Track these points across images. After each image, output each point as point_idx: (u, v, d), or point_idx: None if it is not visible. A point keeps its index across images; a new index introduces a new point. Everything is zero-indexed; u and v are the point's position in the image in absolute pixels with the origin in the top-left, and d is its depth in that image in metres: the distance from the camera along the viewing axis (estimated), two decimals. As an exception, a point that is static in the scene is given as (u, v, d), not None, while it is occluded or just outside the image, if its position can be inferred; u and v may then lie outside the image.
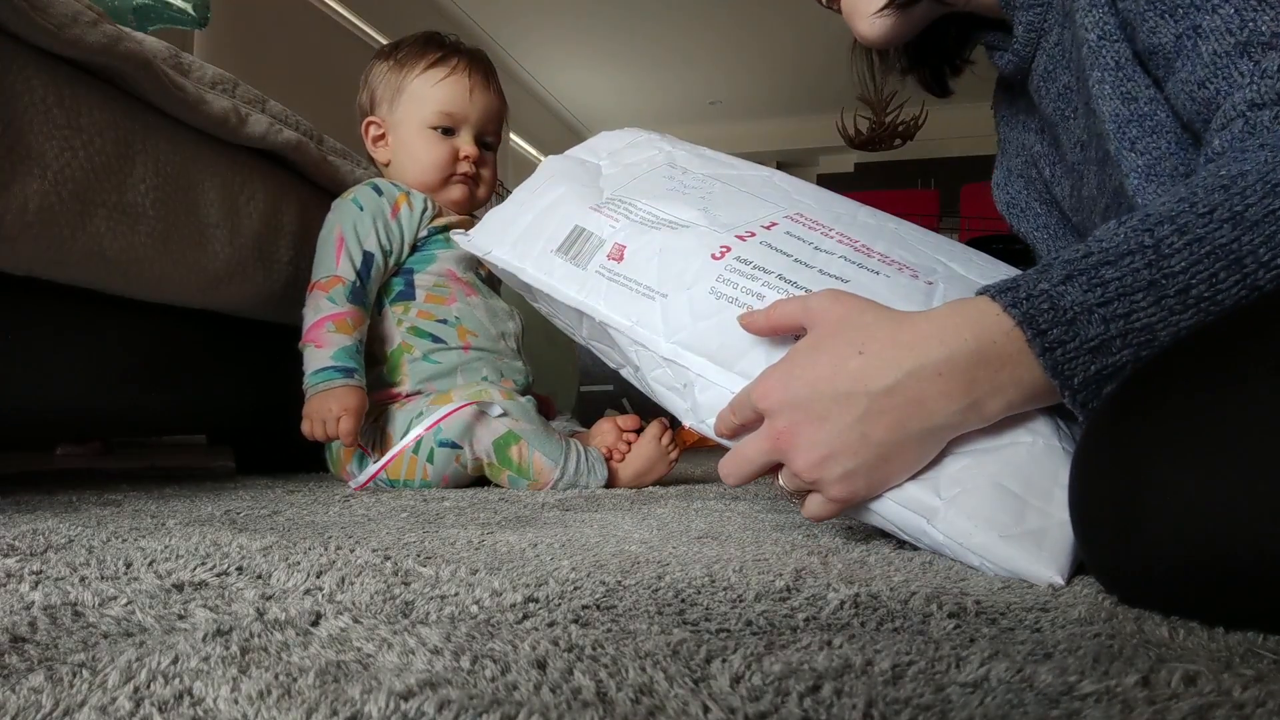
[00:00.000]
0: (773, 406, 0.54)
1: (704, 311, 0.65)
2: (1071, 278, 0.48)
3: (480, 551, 0.56)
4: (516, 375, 1.15)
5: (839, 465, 0.52)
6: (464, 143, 1.18)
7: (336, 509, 0.80)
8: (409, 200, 1.14)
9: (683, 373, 0.66)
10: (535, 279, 0.77)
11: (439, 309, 1.13)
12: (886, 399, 0.51)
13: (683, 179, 0.80)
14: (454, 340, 1.12)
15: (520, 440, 1.02)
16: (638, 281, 0.70)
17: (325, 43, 3.82)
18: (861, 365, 0.51)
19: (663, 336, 0.67)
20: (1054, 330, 0.48)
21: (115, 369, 0.95)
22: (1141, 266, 0.46)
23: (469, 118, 1.18)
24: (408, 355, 1.10)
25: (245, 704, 0.26)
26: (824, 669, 0.30)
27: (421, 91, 1.17)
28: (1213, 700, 0.27)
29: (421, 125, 1.17)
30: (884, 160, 6.24)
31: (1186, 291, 0.46)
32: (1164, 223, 0.47)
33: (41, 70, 0.76)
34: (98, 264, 0.83)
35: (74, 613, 0.37)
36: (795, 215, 0.71)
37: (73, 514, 0.72)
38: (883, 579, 0.48)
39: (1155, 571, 0.39)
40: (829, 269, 0.65)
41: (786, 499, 0.60)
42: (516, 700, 0.27)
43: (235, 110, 0.99)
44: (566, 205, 0.79)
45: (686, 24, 5.18)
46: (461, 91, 1.17)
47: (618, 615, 0.39)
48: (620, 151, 0.89)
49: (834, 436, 0.52)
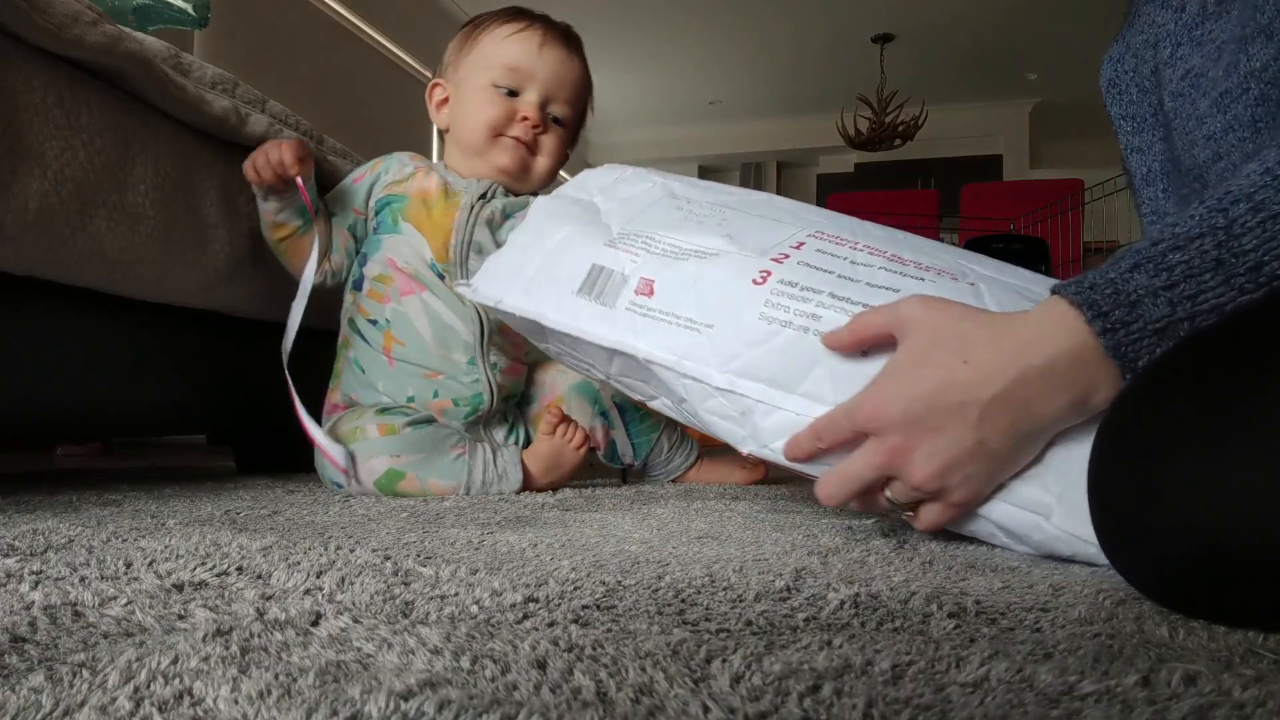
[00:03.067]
0: (884, 425, 0.55)
1: (756, 338, 0.65)
2: (1140, 265, 0.49)
3: (480, 551, 0.56)
4: (461, 393, 1.01)
5: (959, 473, 0.54)
6: (524, 103, 1.06)
7: (336, 509, 0.80)
8: (374, 169, 1.09)
9: (740, 401, 0.66)
10: (559, 323, 0.74)
11: (374, 306, 1.03)
12: (997, 405, 0.52)
13: (691, 208, 0.79)
14: (378, 344, 1.02)
15: (405, 475, 0.94)
16: (676, 314, 0.69)
17: (325, 43, 3.82)
18: (969, 375, 0.52)
19: (715, 368, 0.66)
20: (1116, 312, 0.49)
21: (115, 369, 0.95)
22: (1211, 247, 0.46)
23: (535, 75, 1.06)
24: (344, 353, 1.06)
25: (245, 704, 0.26)
26: (824, 669, 0.30)
27: (489, 48, 1.07)
28: (1213, 700, 0.27)
29: (484, 83, 1.06)
30: (884, 160, 6.25)
31: (1259, 269, 0.45)
32: (1240, 200, 0.46)
33: (41, 70, 0.76)
34: (98, 264, 0.83)
35: (74, 613, 0.37)
36: (816, 233, 0.71)
37: (73, 514, 0.72)
38: (883, 579, 0.48)
39: (1173, 560, 0.39)
40: (875, 280, 0.65)
41: (890, 513, 0.60)
42: (516, 700, 0.27)
43: (235, 110, 0.99)
44: (576, 245, 0.78)
45: (686, 24, 5.18)
46: (530, 48, 1.06)
47: (618, 615, 0.39)
48: (611, 187, 0.87)
49: (951, 446, 0.53)
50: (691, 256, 0.71)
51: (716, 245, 0.71)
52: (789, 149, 7.13)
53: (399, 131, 4.39)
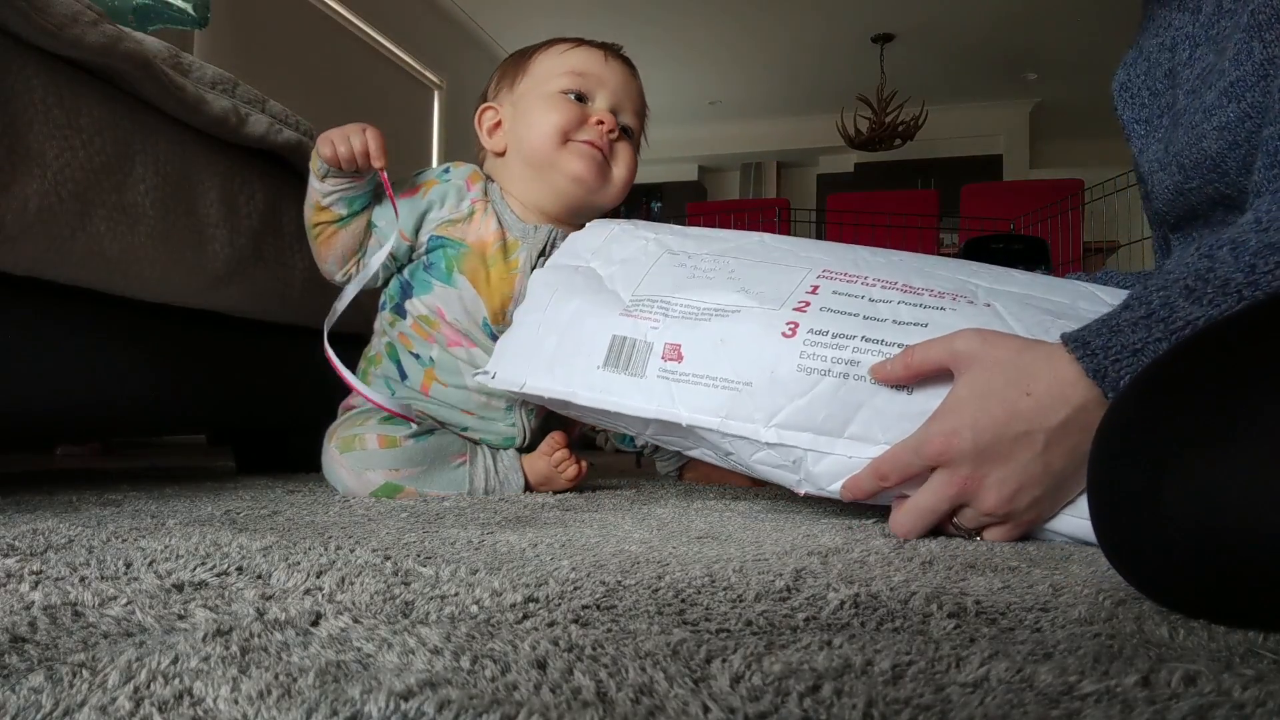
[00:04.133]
0: (954, 458, 0.58)
1: (798, 390, 0.66)
2: (1128, 305, 0.54)
3: (480, 551, 0.56)
4: (490, 436, 1.00)
5: (1028, 496, 0.57)
6: (596, 109, 0.99)
7: (336, 509, 0.80)
8: (429, 190, 0.98)
9: (789, 452, 0.67)
10: (592, 399, 0.75)
11: (420, 342, 0.99)
12: (1061, 432, 0.56)
13: (694, 264, 0.79)
14: (416, 380, 0.99)
15: (402, 488, 0.92)
16: (710, 376, 0.70)
17: (325, 43, 3.82)
18: (1033, 405, 0.56)
19: (760, 424, 0.67)
20: (1097, 340, 0.54)
21: (115, 369, 0.95)
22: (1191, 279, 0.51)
23: (605, 82, 1.00)
24: (372, 369, 1.02)
25: (245, 704, 0.26)
26: (824, 669, 0.30)
27: (549, 62, 1.01)
28: (1213, 700, 0.27)
29: (546, 93, 0.98)
30: (884, 160, 6.25)
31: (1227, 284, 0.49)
32: (1224, 245, 0.50)
33: (41, 70, 0.76)
34: (98, 264, 0.83)
35: (74, 613, 0.37)
36: (824, 273, 0.73)
37: (73, 514, 0.72)
38: (883, 579, 0.48)
39: (1173, 561, 0.39)
40: (901, 318, 0.67)
41: (959, 535, 0.62)
42: (516, 700, 0.27)
43: (235, 110, 0.99)
44: (591, 316, 0.77)
45: (686, 24, 5.18)
46: (596, 58, 1.01)
47: (618, 615, 0.39)
48: (604, 249, 0.87)
49: (1020, 473, 0.57)
50: (713, 316, 0.72)
51: (735, 301, 0.72)
52: (789, 149, 7.13)
53: (399, 131, 4.39)
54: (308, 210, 0.98)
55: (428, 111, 4.69)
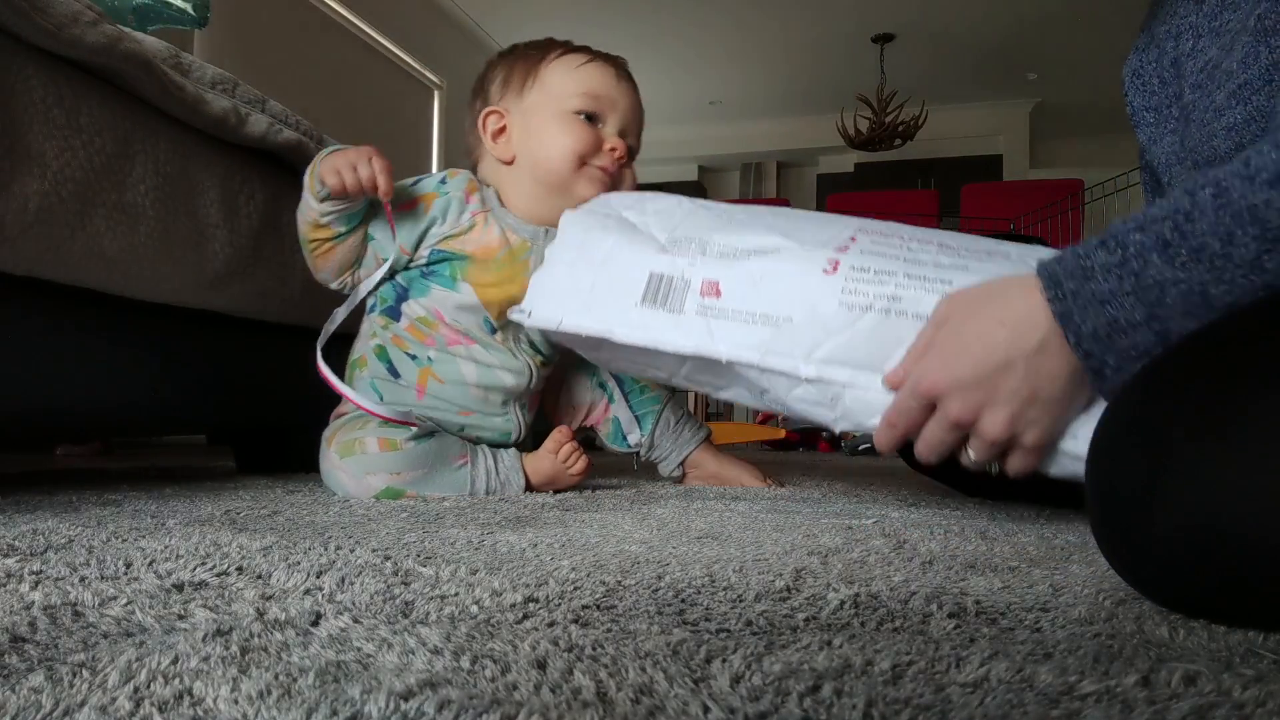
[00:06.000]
0: (943, 393, 0.60)
1: (839, 325, 0.66)
2: (1105, 242, 0.52)
3: (480, 551, 0.56)
4: (487, 433, 1.01)
5: (1023, 420, 0.59)
6: (610, 134, 1.00)
7: (336, 509, 0.80)
8: (429, 204, 0.97)
9: (828, 388, 0.67)
10: (629, 336, 0.74)
11: (416, 344, 0.99)
12: (1039, 357, 0.57)
13: (730, 213, 0.80)
14: (410, 380, 0.99)
15: (404, 492, 0.92)
16: (749, 312, 0.70)
17: (325, 43, 3.82)
18: (1008, 335, 0.57)
19: (800, 359, 0.68)
20: (1069, 283, 0.53)
21: (115, 369, 0.95)
22: (1168, 230, 0.49)
23: (616, 105, 1.00)
24: (358, 372, 1.01)
25: (245, 704, 0.26)
26: (824, 669, 0.30)
27: (560, 74, 1.00)
28: (1213, 700, 0.27)
29: (560, 111, 0.98)
30: (884, 160, 6.24)
31: (1200, 251, 0.48)
32: (1209, 185, 0.49)
33: (41, 70, 0.76)
34: (98, 264, 0.83)
35: (74, 613, 0.37)
36: (862, 230, 0.73)
37: (73, 514, 0.72)
38: (883, 579, 0.48)
39: (1173, 561, 0.39)
40: (942, 262, 0.67)
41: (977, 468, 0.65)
42: (516, 700, 0.27)
43: (235, 110, 0.99)
44: (627, 254, 0.77)
45: (686, 24, 5.18)
46: (609, 78, 1.01)
47: (618, 615, 0.39)
48: (637, 204, 0.87)
49: (1009, 400, 0.58)
50: (752, 255, 0.72)
51: (774, 242, 0.72)
52: (789, 149, 7.12)
53: (399, 132, 4.39)
54: (303, 226, 0.97)
55: (428, 112, 4.69)
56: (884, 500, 0.99)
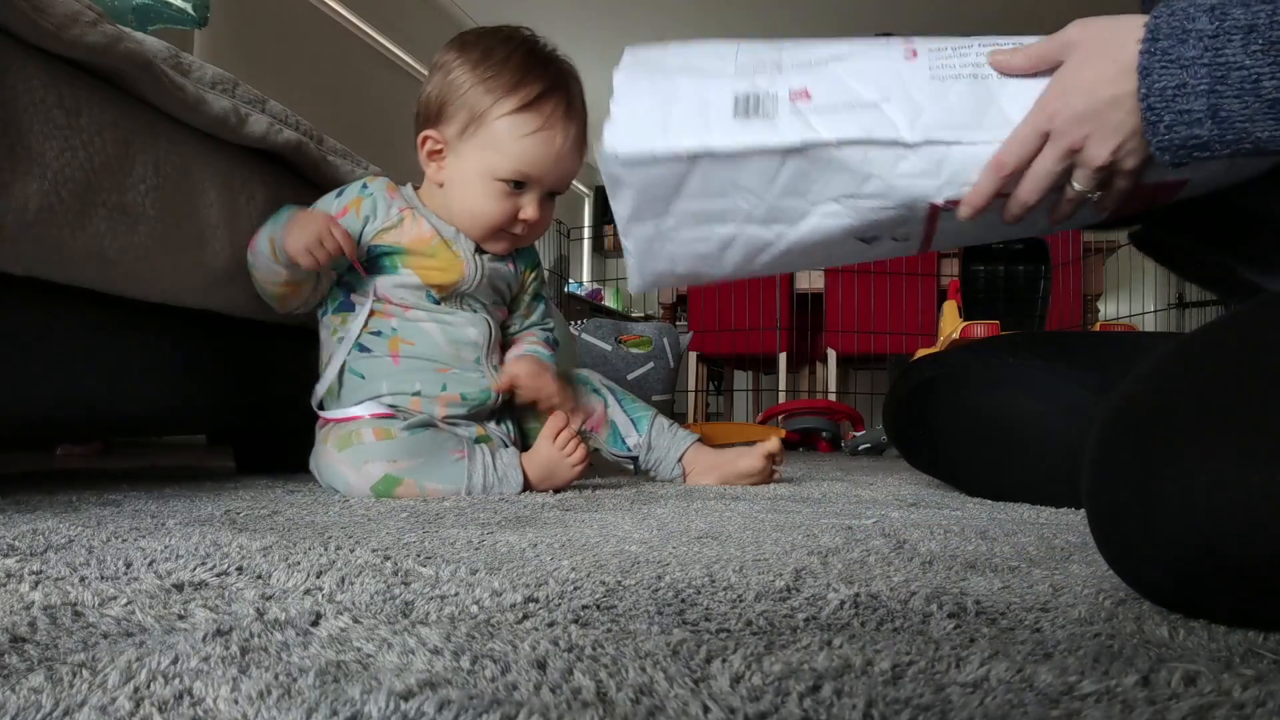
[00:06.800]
0: (1058, 125, 0.65)
1: (931, 97, 0.70)
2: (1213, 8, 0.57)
3: (480, 551, 0.56)
4: (468, 388, 1.05)
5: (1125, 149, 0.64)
6: (529, 204, 1.03)
7: (336, 509, 0.80)
8: (359, 207, 1.03)
9: (933, 151, 0.70)
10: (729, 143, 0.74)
11: (376, 321, 1.03)
12: None
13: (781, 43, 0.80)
14: (382, 350, 1.03)
15: (402, 480, 0.94)
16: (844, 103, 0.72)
17: (325, 43, 3.82)
18: (1117, 72, 0.62)
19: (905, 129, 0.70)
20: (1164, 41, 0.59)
21: (115, 369, 0.95)
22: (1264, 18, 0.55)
23: (545, 179, 1.02)
24: (334, 366, 1.04)
25: (245, 704, 0.26)
26: (824, 669, 0.30)
27: (503, 137, 0.99)
28: (1213, 700, 0.27)
29: (490, 174, 1.01)
30: (884, 160, 6.25)
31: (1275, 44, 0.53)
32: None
33: (41, 70, 0.76)
34: (98, 264, 0.83)
35: (74, 613, 0.37)
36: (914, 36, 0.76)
37: (73, 514, 0.72)
38: (883, 579, 0.48)
39: (1172, 561, 0.39)
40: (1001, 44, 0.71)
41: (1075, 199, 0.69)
42: (516, 700, 0.27)
43: (235, 110, 0.99)
44: (704, 84, 0.76)
45: (686, 24, 5.18)
46: (548, 153, 1.00)
47: (618, 615, 0.39)
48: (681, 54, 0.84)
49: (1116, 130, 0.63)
50: (829, 61, 0.74)
51: (845, 49, 0.74)
52: (789, 149, 7.14)
53: (398, 133, 4.38)
54: (267, 284, 1.01)
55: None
56: (884, 500, 0.99)
